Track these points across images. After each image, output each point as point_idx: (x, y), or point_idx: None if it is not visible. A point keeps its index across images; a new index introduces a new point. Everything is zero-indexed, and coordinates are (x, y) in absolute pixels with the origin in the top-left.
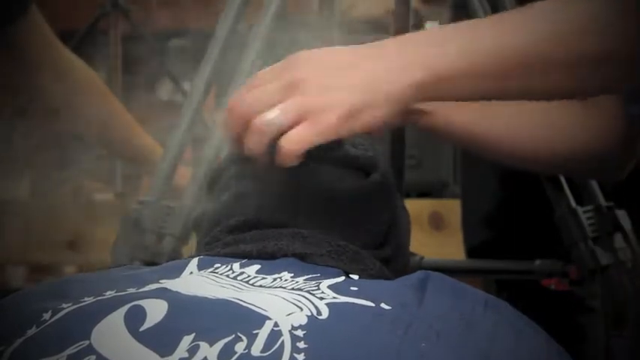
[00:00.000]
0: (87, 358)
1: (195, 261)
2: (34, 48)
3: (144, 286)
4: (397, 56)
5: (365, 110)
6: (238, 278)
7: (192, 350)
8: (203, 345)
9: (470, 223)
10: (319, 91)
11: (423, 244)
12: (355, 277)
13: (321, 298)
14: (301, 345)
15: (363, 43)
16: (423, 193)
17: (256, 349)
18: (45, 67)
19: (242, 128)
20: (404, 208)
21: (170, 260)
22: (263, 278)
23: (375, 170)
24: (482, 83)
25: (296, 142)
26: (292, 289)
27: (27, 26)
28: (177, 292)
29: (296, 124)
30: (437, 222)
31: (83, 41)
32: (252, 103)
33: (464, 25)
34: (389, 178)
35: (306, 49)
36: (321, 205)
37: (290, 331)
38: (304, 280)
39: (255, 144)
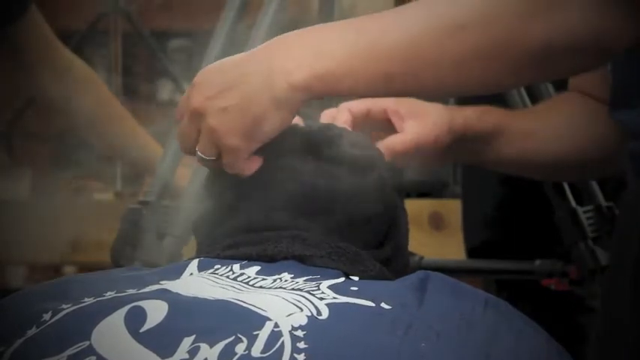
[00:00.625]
0: (87, 358)
1: (195, 262)
2: (34, 48)
3: (144, 287)
4: (279, 59)
5: (260, 122)
6: (238, 279)
7: (193, 351)
8: (203, 346)
9: (470, 223)
10: (215, 115)
11: (423, 244)
12: (355, 278)
13: (322, 299)
14: (301, 345)
15: None
16: (423, 193)
17: (256, 350)
18: (45, 67)
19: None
20: (403, 208)
21: (170, 261)
22: (263, 279)
23: (375, 170)
24: (369, 81)
25: (232, 169)
26: (292, 289)
27: (27, 26)
28: (177, 293)
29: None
30: (437, 222)
31: (83, 41)
32: (183, 143)
33: (351, 22)
34: (388, 177)
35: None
36: (321, 206)
37: (290, 331)
38: (304, 280)
39: (209, 167)
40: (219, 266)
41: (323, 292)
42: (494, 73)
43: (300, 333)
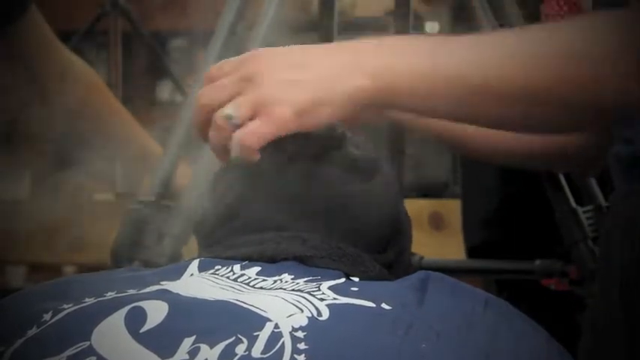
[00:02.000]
0: (87, 359)
1: (195, 263)
2: (34, 48)
3: (144, 287)
4: (352, 58)
5: (317, 107)
6: (239, 280)
7: (193, 352)
8: (203, 347)
9: (470, 223)
10: (275, 85)
11: (423, 244)
12: (356, 279)
13: (322, 299)
14: (302, 346)
15: None
16: (423, 193)
17: (257, 351)
18: (45, 67)
19: (203, 122)
20: (406, 213)
21: (170, 261)
22: (263, 280)
23: (378, 173)
24: (433, 104)
25: (251, 135)
26: (293, 290)
27: (27, 26)
28: (177, 293)
29: (252, 118)
30: (437, 222)
31: (83, 41)
32: (211, 96)
33: (429, 41)
34: (392, 181)
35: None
36: (322, 207)
37: (290, 332)
38: (305, 281)
39: (215, 139)
40: (219, 267)
41: (323, 293)
42: (562, 118)
43: (300, 334)
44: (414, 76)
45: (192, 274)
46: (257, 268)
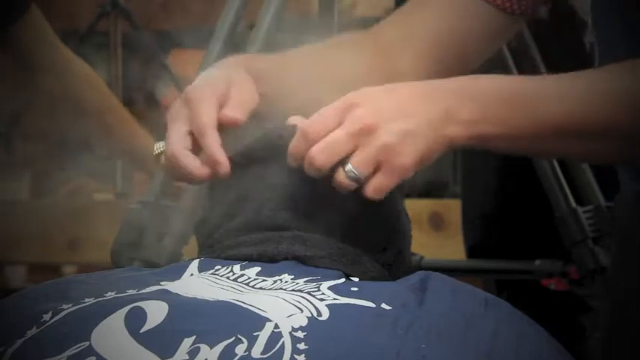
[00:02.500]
0: (87, 359)
1: (195, 263)
2: (35, 48)
3: (144, 287)
4: (446, 105)
5: (429, 154)
6: (239, 280)
7: (193, 352)
8: (203, 347)
9: (470, 223)
10: (392, 136)
11: (423, 244)
12: (355, 279)
13: (322, 300)
14: (302, 346)
15: None
16: (423, 193)
17: (257, 351)
18: (45, 66)
19: (317, 174)
20: (406, 213)
21: (170, 261)
22: (263, 280)
23: None
24: (518, 145)
25: (377, 192)
26: (292, 290)
27: (27, 26)
28: (177, 294)
29: (374, 171)
30: (437, 222)
31: (83, 41)
32: (328, 155)
33: (516, 82)
34: None
35: (364, 88)
36: (322, 208)
37: (290, 332)
38: (305, 281)
39: (339, 190)
40: (219, 267)
41: (323, 293)
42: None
43: (300, 334)
44: (503, 124)
45: (192, 274)
46: (257, 268)
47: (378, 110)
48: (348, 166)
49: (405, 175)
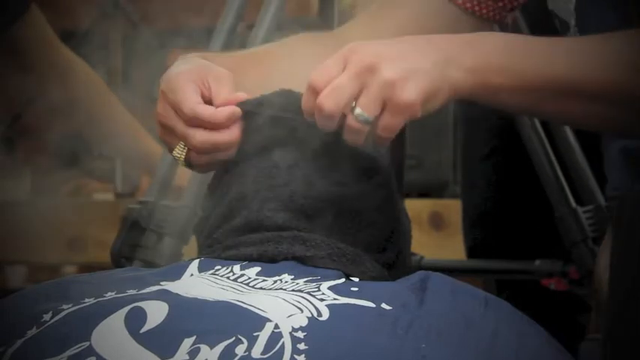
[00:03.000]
0: (87, 359)
1: (195, 263)
2: (35, 48)
3: (144, 287)
4: (450, 53)
5: (436, 94)
6: (239, 280)
7: (193, 353)
8: (204, 347)
9: (470, 223)
10: (398, 71)
11: (423, 244)
12: (355, 279)
13: (322, 300)
14: (302, 346)
15: None
16: (423, 193)
17: (257, 351)
18: (45, 67)
19: (329, 124)
20: (406, 213)
21: (170, 261)
22: (263, 280)
23: (378, 172)
24: (519, 100)
25: (387, 132)
26: (293, 290)
27: (27, 26)
28: (177, 294)
29: (382, 109)
30: (437, 222)
31: (83, 41)
32: (335, 101)
33: (520, 40)
34: (391, 181)
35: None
36: (322, 207)
37: (290, 332)
38: (304, 281)
39: (352, 140)
40: (219, 267)
41: (323, 293)
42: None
43: (300, 334)
44: (508, 75)
45: (192, 275)
46: (257, 269)
47: (379, 52)
48: (357, 110)
49: (411, 113)
